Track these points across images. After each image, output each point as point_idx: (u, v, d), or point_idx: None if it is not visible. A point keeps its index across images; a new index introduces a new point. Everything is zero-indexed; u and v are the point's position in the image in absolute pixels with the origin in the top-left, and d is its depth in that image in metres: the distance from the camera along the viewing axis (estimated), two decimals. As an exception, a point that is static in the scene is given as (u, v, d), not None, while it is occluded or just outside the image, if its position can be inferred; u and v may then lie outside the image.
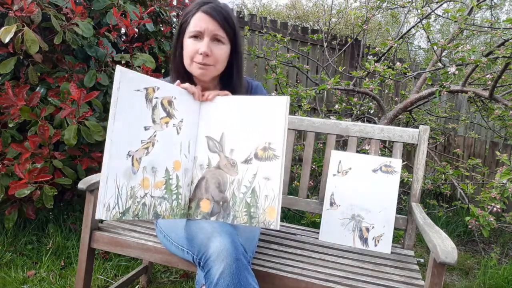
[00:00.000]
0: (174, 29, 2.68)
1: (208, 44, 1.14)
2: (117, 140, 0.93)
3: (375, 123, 3.07)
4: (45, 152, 1.81)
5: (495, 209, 1.87)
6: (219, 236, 1.00)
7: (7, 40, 1.64)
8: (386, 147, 2.94)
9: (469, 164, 2.72)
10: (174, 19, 2.72)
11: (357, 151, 1.87)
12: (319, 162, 2.50)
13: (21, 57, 1.89)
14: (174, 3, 2.71)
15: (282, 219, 2.58)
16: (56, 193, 1.80)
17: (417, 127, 1.56)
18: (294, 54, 2.99)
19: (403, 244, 1.50)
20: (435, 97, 2.58)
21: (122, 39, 2.31)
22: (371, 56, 2.60)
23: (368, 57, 2.52)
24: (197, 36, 1.16)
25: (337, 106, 2.84)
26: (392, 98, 4.20)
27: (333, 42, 4.03)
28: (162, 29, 2.58)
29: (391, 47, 2.83)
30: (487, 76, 2.43)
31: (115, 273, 1.84)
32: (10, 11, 1.72)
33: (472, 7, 2.53)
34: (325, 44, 3.40)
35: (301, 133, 3.69)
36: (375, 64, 2.39)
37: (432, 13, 2.81)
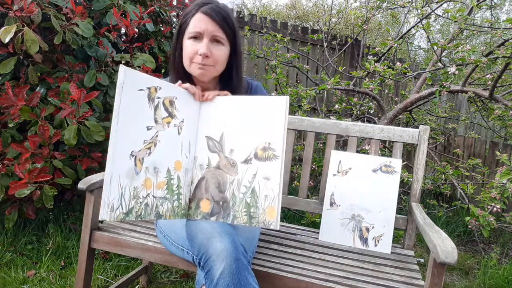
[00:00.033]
0: (174, 29, 2.68)
1: (207, 45, 1.14)
2: (120, 140, 0.92)
3: (375, 123, 3.07)
4: (45, 152, 1.81)
5: (495, 209, 1.87)
6: (219, 236, 1.00)
7: (7, 40, 1.64)
8: (386, 147, 2.94)
9: (469, 164, 2.72)
10: (174, 19, 2.72)
11: (357, 151, 1.87)
12: (319, 162, 2.50)
13: (21, 57, 1.89)
14: (174, 3, 2.71)
15: (282, 219, 2.58)
16: (56, 193, 1.80)
17: (417, 127, 1.56)
18: (294, 54, 2.99)
19: (403, 244, 1.50)
20: (435, 97, 2.58)
21: (122, 39, 2.31)
22: (371, 56, 2.60)
23: (368, 57, 2.52)
24: (197, 37, 1.15)
25: (337, 106, 2.84)
26: (392, 98, 4.20)
27: (333, 42, 4.03)
28: (162, 29, 2.58)
29: (391, 47, 2.83)
30: (487, 76, 2.43)
31: (115, 273, 1.84)
32: (10, 11, 1.72)
33: (472, 7, 2.53)
34: (325, 44, 3.40)
35: (301, 133, 3.69)
36: (375, 64, 2.39)
37: (432, 13, 2.81)
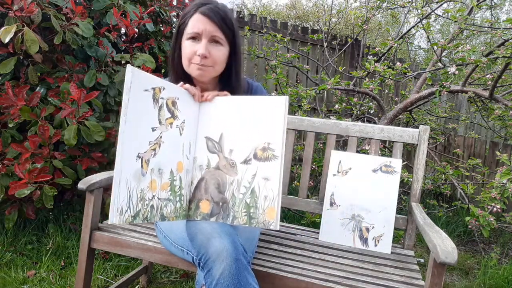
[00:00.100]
0: (174, 29, 2.68)
1: (206, 46, 1.14)
2: (128, 141, 0.91)
3: (375, 123, 3.07)
4: (45, 152, 1.81)
5: (495, 209, 1.87)
6: (218, 236, 1.00)
7: (7, 40, 1.64)
8: (386, 147, 2.94)
9: (469, 164, 2.72)
10: (174, 19, 2.72)
11: (357, 151, 1.87)
12: (319, 162, 2.50)
13: (21, 57, 1.89)
14: (174, 3, 2.71)
15: (282, 219, 2.58)
16: (56, 193, 1.80)
17: (417, 127, 1.56)
18: (294, 54, 2.99)
19: (403, 244, 1.50)
20: (435, 97, 2.58)
21: (122, 39, 2.31)
22: (371, 56, 2.60)
23: (368, 57, 2.52)
24: (195, 38, 1.15)
25: (337, 106, 2.84)
26: (392, 98, 4.20)
27: (333, 42, 4.03)
28: (162, 29, 2.58)
29: (391, 47, 2.83)
30: (487, 76, 2.43)
31: (115, 273, 1.84)
32: (10, 11, 1.72)
33: (472, 7, 2.53)
34: (325, 44, 3.40)
35: (301, 133, 3.69)
36: (375, 64, 2.39)
37: (432, 13, 2.81)
